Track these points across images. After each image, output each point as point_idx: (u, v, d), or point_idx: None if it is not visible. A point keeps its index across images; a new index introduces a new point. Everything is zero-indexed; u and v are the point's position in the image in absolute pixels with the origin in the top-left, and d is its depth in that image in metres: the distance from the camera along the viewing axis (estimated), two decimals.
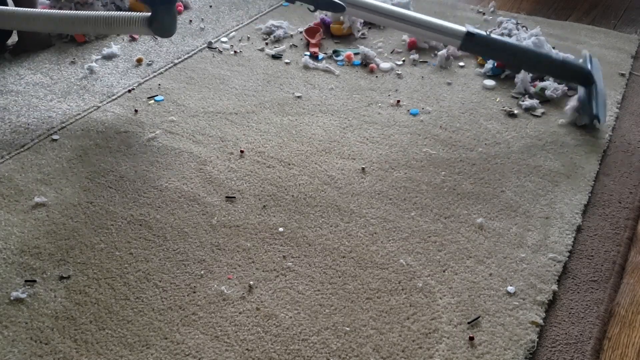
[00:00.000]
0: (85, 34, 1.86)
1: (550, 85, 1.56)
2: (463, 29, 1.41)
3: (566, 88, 1.57)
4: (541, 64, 1.47)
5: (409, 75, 1.69)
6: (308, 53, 1.80)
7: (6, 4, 1.77)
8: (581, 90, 1.48)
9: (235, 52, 1.82)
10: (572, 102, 1.46)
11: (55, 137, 1.41)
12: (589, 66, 1.52)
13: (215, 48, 1.83)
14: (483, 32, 1.43)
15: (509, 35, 1.79)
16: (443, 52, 1.74)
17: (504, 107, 1.53)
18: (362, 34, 1.91)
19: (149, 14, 1.39)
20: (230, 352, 0.92)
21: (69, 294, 1.01)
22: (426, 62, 1.76)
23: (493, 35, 1.45)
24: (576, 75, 1.47)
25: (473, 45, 1.41)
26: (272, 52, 1.81)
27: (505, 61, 1.52)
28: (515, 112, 1.51)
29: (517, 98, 1.57)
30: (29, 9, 1.47)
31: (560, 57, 1.50)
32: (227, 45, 1.85)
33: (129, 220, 1.17)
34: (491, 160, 1.34)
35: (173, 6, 1.40)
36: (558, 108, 1.53)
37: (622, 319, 1.00)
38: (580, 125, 1.45)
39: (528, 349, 0.92)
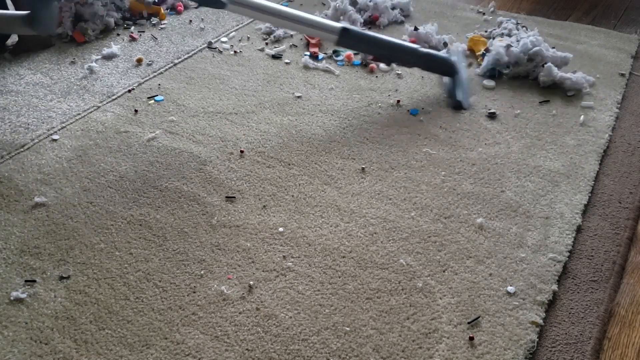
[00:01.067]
0: None
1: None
2: (339, 25, 1.50)
3: None
4: (409, 57, 1.57)
5: (409, 75, 1.69)
6: (308, 53, 1.80)
7: (6, 8, 1.77)
8: (446, 79, 1.63)
9: (235, 52, 1.82)
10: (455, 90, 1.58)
11: (55, 137, 1.42)
12: (453, 57, 1.65)
13: (215, 48, 1.83)
14: (357, 28, 1.56)
15: (509, 35, 1.79)
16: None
17: (488, 109, 1.53)
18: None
19: (28, 12, 1.39)
20: (230, 352, 0.92)
21: (69, 294, 1.01)
22: None
23: (366, 31, 1.59)
24: (441, 67, 1.61)
25: (348, 40, 1.51)
26: (272, 52, 1.81)
27: (378, 55, 1.62)
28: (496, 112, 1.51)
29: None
30: None
31: (425, 50, 1.58)
32: (227, 45, 1.86)
33: (129, 220, 1.17)
34: (491, 160, 1.34)
35: (51, 4, 1.40)
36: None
37: (622, 319, 1.00)
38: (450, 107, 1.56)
39: (528, 349, 0.92)
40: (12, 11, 1.43)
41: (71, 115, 1.50)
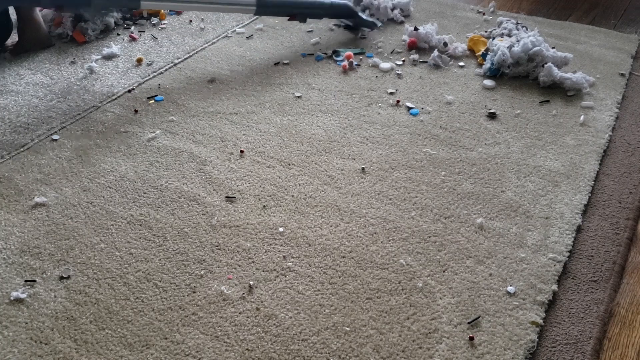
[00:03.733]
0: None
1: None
2: None
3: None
4: (318, 10, 1.83)
5: (409, 75, 1.70)
6: (304, 53, 1.80)
7: (9, 17, 1.78)
8: (351, 20, 1.92)
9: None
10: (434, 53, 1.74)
11: (55, 137, 1.41)
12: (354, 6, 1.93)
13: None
14: None
15: (509, 35, 1.79)
16: (435, 52, 1.75)
17: (489, 110, 1.53)
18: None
19: None
20: (230, 352, 0.92)
21: (69, 294, 1.01)
22: (426, 62, 1.76)
23: None
24: (343, 12, 1.88)
25: (265, 8, 1.71)
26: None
27: (293, 14, 1.79)
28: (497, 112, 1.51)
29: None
30: None
31: (328, 2, 1.84)
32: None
33: (129, 220, 1.17)
34: (491, 160, 1.34)
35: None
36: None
37: (622, 319, 1.00)
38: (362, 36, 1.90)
39: (528, 349, 0.92)
40: None
41: (71, 115, 1.50)
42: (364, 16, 1.89)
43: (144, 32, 1.94)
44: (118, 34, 1.93)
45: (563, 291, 1.02)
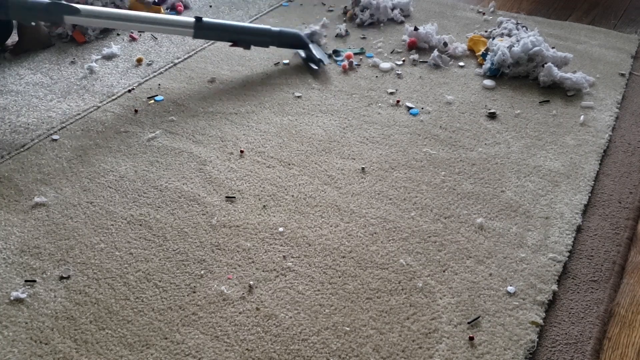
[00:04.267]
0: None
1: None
2: (192, 19, 1.58)
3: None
4: (265, 38, 1.69)
5: (409, 75, 1.70)
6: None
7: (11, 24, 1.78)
8: (301, 52, 1.78)
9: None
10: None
11: (55, 137, 1.41)
12: (305, 31, 1.80)
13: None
14: (210, 19, 1.62)
15: (509, 35, 1.79)
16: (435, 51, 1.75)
17: (489, 110, 1.53)
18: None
19: None
20: (230, 352, 0.92)
21: (69, 294, 1.01)
22: (426, 61, 1.76)
23: (218, 20, 1.64)
24: (293, 42, 1.75)
25: (204, 31, 1.59)
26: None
27: (235, 40, 1.67)
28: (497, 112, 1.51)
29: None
30: None
31: (277, 29, 1.71)
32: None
33: (129, 220, 1.17)
34: (491, 160, 1.34)
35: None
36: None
37: (622, 319, 1.00)
38: (312, 71, 1.71)
39: (528, 349, 0.92)
40: None
41: (71, 115, 1.50)
42: (315, 50, 1.72)
43: (144, 32, 1.94)
44: (118, 34, 1.93)
45: (563, 291, 1.02)
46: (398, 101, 1.57)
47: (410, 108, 1.54)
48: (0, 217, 1.17)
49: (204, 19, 1.59)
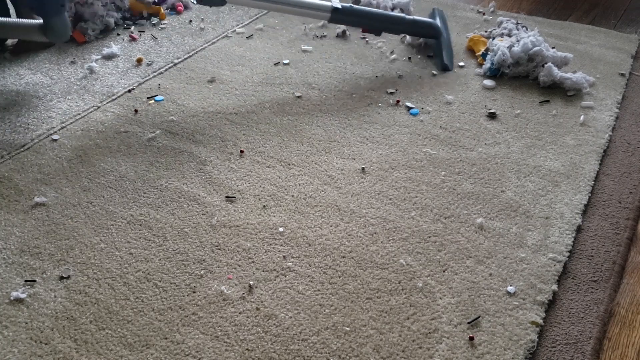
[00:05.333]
0: None
1: None
2: (329, 3, 1.62)
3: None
4: (398, 25, 1.71)
5: (409, 75, 1.70)
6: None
7: (7, 10, 1.77)
8: (435, 43, 1.77)
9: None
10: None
11: (55, 137, 1.42)
12: (437, 21, 1.81)
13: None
14: (347, 4, 1.67)
15: (509, 35, 1.79)
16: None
17: (489, 110, 1.53)
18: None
19: (41, 21, 1.47)
20: (230, 352, 0.92)
21: (69, 294, 1.01)
22: (425, 61, 1.76)
23: (355, 6, 1.69)
24: (426, 31, 1.74)
25: (341, 16, 1.64)
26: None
27: (370, 27, 1.71)
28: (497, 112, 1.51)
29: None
30: None
31: (410, 17, 1.73)
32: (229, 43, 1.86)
33: (129, 220, 1.17)
34: (491, 160, 1.34)
35: (63, 13, 1.47)
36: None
37: (622, 319, 1.00)
38: (436, 72, 1.71)
39: (528, 349, 0.92)
40: (28, 20, 1.51)
41: (71, 115, 1.50)
42: (444, 49, 1.72)
43: (144, 32, 1.94)
44: (118, 34, 1.93)
45: (563, 291, 1.02)
46: (398, 101, 1.57)
47: (410, 108, 1.54)
48: (0, 217, 1.17)
49: (342, 4, 1.64)
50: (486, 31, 1.91)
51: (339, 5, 1.61)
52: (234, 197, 1.23)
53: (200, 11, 2.11)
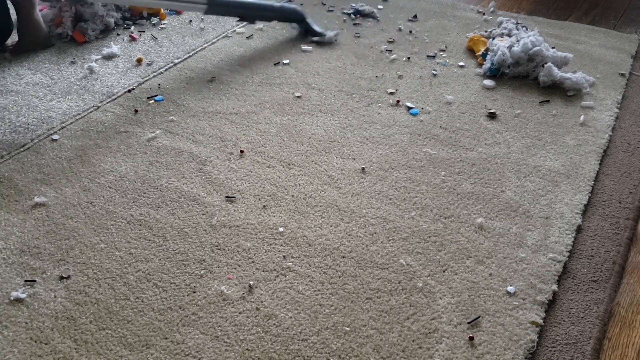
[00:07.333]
0: None
1: None
2: None
3: None
4: (268, 12, 1.86)
5: (409, 75, 1.70)
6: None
7: (7, 7, 1.77)
8: (297, 25, 1.93)
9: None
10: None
11: (55, 137, 1.41)
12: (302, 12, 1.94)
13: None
14: None
15: (509, 35, 1.79)
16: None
17: (489, 110, 1.53)
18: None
19: None
20: (230, 352, 0.92)
21: (69, 294, 1.01)
22: (425, 60, 1.76)
23: None
24: (292, 16, 1.91)
25: (216, 7, 1.71)
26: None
27: (242, 15, 1.83)
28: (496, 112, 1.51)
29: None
30: None
31: (278, 4, 1.90)
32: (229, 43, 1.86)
33: (129, 220, 1.17)
34: (491, 160, 1.34)
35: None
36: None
37: (622, 319, 1.00)
38: (321, 41, 1.87)
39: (528, 349, 0.92)
40: None
41: (71, 115, 1.50)
42: (314, 25, 1.91)
43: (144, 32, 1.94)
44: (118, 34, 1.93)
45: (563, 291, 1.02)
46: (398, 101, 1.57)
47: (410, 108, 1.54)
48: (0, 217, 1.17)
49: None
50: (486, 31, 1.91)
51: None
52: (234, 197, 1.23)
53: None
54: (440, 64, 1.76)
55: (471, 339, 0.93)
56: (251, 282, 1.03)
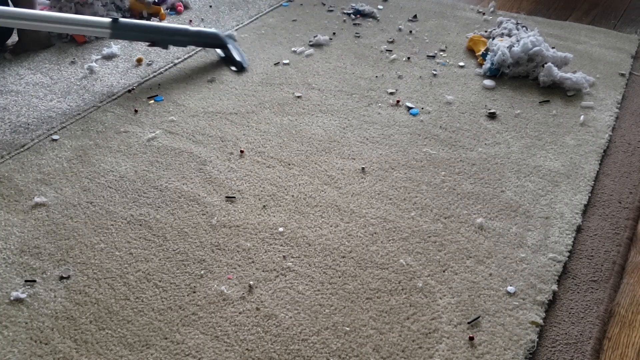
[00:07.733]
0: None
1: None
2: (108, 19, 1.55)
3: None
4: (183, 37, 1.69)
5: (409, 76, 1.70)
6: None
7: (8, 4, 1.77)
8: (219, 51, 1.79)
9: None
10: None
11: (55, 137, 1.41)
12: (225, 36, 1.80)
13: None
14: (127, 19, 1.61)
15: (509, 35, 1.79)
16: None
17: (489, 110, 1.53)
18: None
19: None
20: (230, 352, 0.92)
21: (69, 294, 1.01)
22: (425, 60, 1.76)
23: (136, 21, 1.65)
24: (211, 41, 1.76)
25: (121, 31, 1.57)
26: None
27: (152, 40, 1.67)
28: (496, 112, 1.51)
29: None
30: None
31: (195, 29, 1.72)
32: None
33: (129, 220, 1.17)
34: (491, 160, 1.34)
35: None
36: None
37: (622, 319, 1.00)
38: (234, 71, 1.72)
39: (528, 349, 0.92)
40: None
41: (71, 115, 1.50)
42: (234, 51, 1.75)
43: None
44: None
45: (563, 291, 1.02)
46: (398, 101, 1.57)
47: (410, 108, 1.54)
48: (0, 217, 1.17)
49: (121, 19, 1.57)
50: (486, 31, 1.91)
51: (118, 18, 1.57)
52: (234, 197, 1.23)
53: (200, 11, 2.11)
54: (440, 64, 1.76)
55: (471, 339, 0.93)
56: (251, 282, 1.03)
